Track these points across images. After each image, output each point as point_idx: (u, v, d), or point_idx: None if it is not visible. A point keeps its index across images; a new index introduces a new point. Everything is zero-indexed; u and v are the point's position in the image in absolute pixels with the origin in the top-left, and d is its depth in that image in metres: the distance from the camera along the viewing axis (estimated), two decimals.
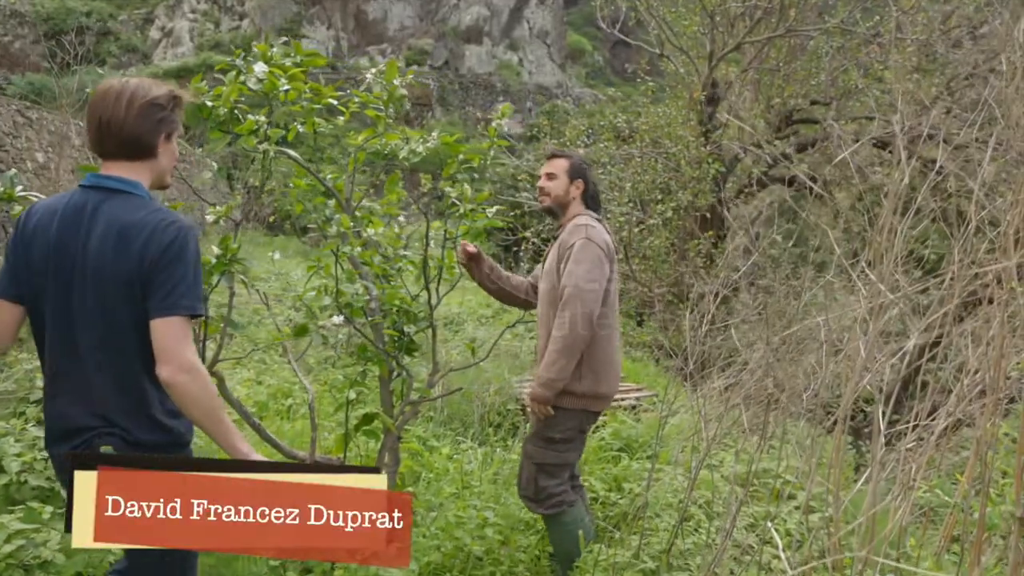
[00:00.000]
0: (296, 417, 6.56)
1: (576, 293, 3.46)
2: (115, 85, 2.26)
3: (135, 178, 2.27)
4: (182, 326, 2.12)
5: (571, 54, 45.60)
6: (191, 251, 2.17)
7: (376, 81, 3.96)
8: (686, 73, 11.30)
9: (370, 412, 4.09)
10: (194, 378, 2.11)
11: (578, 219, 3.73)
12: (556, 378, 3.48)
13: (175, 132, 2.36)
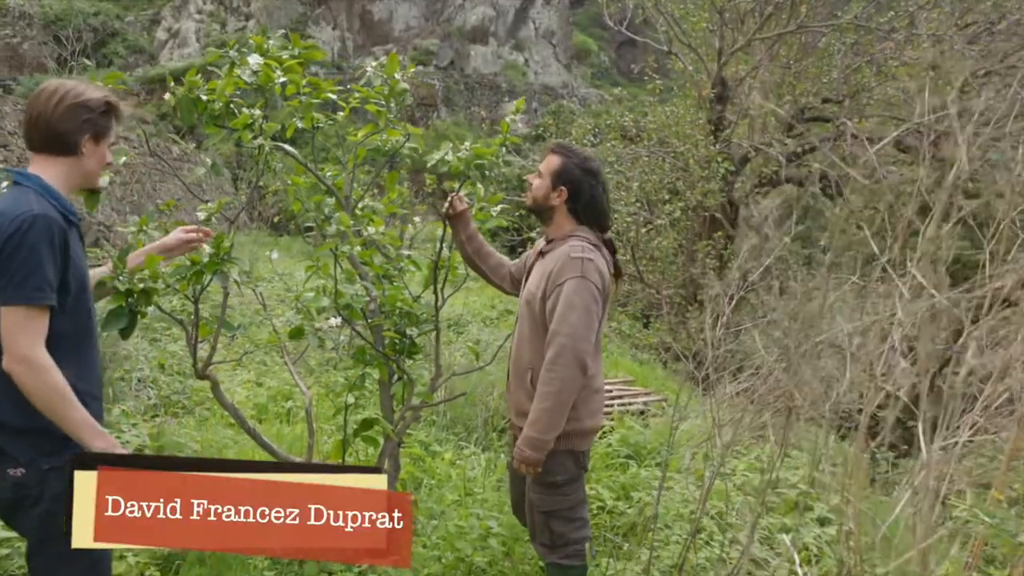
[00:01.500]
0: (296, 420, 6.42)
1: (569, 345, 3.00)
2: (52, 84, 2.37)
3: (41, 172, 2.33)
4: (17, 316, 2.14)
5: (577, 54, 45.47)
6: (31, 240, 2.16)
7: (377, 75, 3.81)
8: (695, 71, 11.10)
9: (369, 417, 3.94)
10: (27, 370, 2.13)
11: (572, 244, 3.19)
12: (547, 438, 3.06)
13: (105, 137, 2.43)
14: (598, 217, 3.32)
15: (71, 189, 2.42)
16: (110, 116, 2.43)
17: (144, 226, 3.11)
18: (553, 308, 3.09)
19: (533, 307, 3.22)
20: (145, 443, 4.73)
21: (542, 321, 3.18)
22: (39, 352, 2.15)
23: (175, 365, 7.16)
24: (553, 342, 3.05)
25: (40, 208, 2.21)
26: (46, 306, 2.18)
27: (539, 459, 3.10)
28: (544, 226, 3.43)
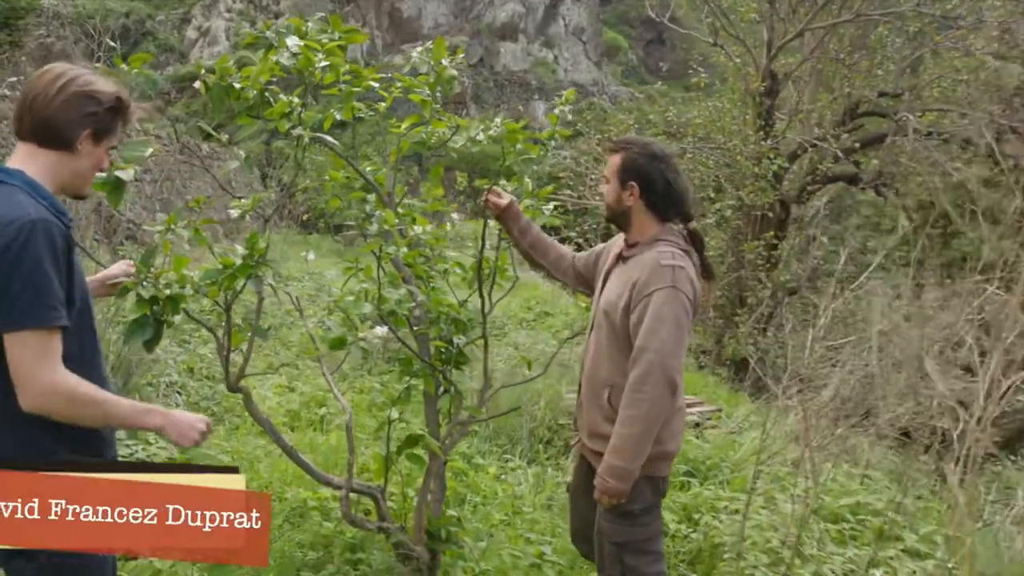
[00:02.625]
0: (330, 428, 6.12)
1: (658, 362, 2.69)
2: (59, 67, 2.06)
3: (24, 165, 2.00)
4: (31, 342, 1.86)
5: (607, 51, 45.12)
6: (33, 251, 1.86)
7: (423, 61, 3.48)
8: (742, 64, 10.69)
9: (414, 434, 3.62)
10: (59, 399, 1.88)
11: (660, 250, 2.84)
12: (633, 467, 2.75)
13: (106, 137, 2.10)
14: (679, 204, 2.96)
15: (56, 190, 2.06)
16: (117, 115, 2.10)
17: (172, 225, 2.82)
18: (639, 321, 2.76)
19: (613, 318, 2.88)
20: (173, 455, 4.45)
21: (624, 334, 2.85)
22: (61, 375, 1.88)
23: (204, 369, 6.90)
24: (640, 359, 2.72)
25: (36, 212, 1.89)
26: (60, 327, 1.89)
27: (624, 490, 2.77)
28: (625, 232, 3.05)
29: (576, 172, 11.47)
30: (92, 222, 10.11)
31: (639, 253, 2.91)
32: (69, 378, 1.90)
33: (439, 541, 3.90)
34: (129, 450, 4.22)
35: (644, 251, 2.89)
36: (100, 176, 2.33)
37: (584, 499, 3.17)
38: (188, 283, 2.44)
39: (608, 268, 3.10)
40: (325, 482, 3.61)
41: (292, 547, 3.85)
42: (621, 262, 3.00)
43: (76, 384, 1.91)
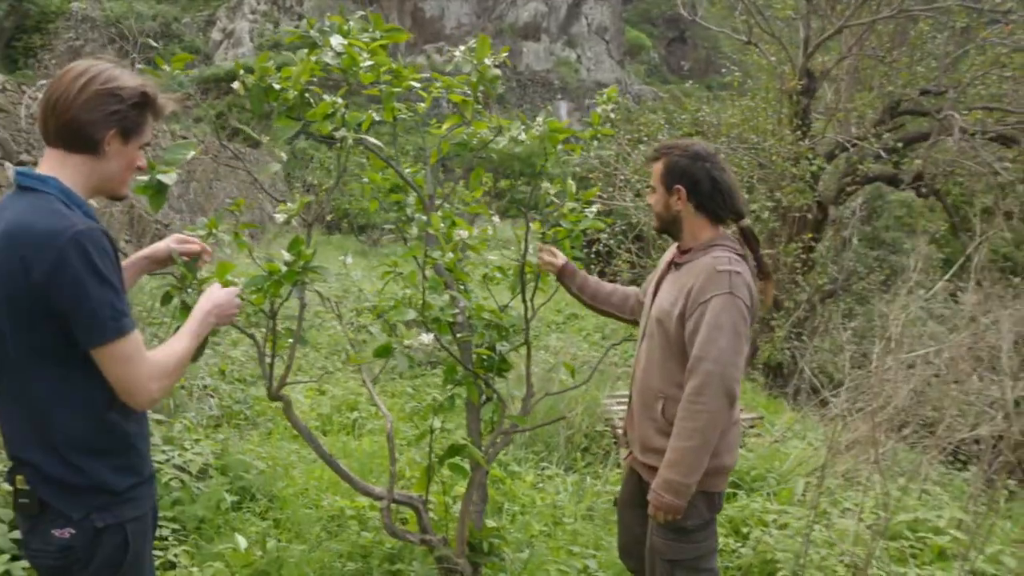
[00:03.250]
0: (363, 432, 6.04)
1: (717, 372, 2.57)
2: (81, 65, 1.93)
3: (56, 172, 1.89)
4: (116, 352, 1.83)
5: (629, 50, 44.94)
6: (87, 262, 1.77)
7: (466, 60, 3.38)
8: (777, 62, 10.50)
9: (457, 443, 3.52)
10: (160, 388, 1.90)
11: (716, 255, 2.72)
12: (690, 482, 2.63)
13: (135, 135, 1.97)
14: (729, 202, 2.83)
15: (91, 193, 1.97)
16: (144, 111, 1.97)
17: (213, 229, 2.74)
18: (695, 330, 2.65)
19: (667, 327, 2.76)
20: (209, 461, 4.38)
21: (678, 343, 2.73)
22: (149, 368, 1.87)
23: (235, 371, 6.83)
24: (697, 369, 2.61)
25: (81, 222, 1.80)
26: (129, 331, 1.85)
27: (681, 505, 2.65)
28: (677, 240, 2.93)
29: (605, 172, 11.32)
30: (123, 224, 10.09)
31: (693, 259, 2.79)
32: (156, 365, 1.89)
33: (481, 553, 3.80)
34: (165, 455, 4.15)
35: (698, 256, 2.78)
36: (142, 179, 2.25)
37: (632, 513, 3.08)
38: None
39: (660, 276, 3.00)
40: (366, 492, 3.53)
41: (331, 557, 3.76)
42: (674, 268, 2.89)
43: (163, 363, 1.92)
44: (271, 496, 4.37)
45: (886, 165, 10.16)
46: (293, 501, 4.31)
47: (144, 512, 2.00)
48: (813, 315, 9.51)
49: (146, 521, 2.02)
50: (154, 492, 2.09)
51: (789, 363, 9.09)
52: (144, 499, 2.00)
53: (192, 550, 3.68)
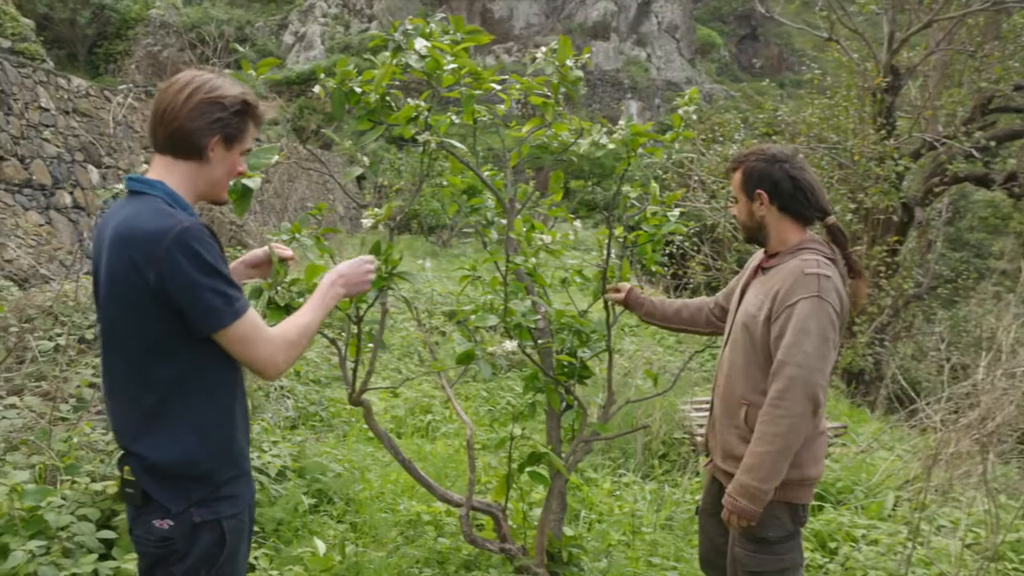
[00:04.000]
0: (437, 436, 6.02)
1: (800, 377, 2.49)
2: (186, 76, 2.03)
3: (163, 177, 1.98)
4: (237, 333, 1.90)
5: (700, 49, 44.43)
6: (200, 255, 1.85)
7: (547, 61, 3.31)
8: (860, 59, 10.17)
9: (537, 451, 3.46)
10: (287, 357, 1.99)
11: (804, 258, 2.64)
12: (770, 487, 2.55)
13: (237, 141, 2.06)
14: (813, 200, 2.73)
15: (197, 198, 2.06)
16: (245, 118, 2.04)
17: (297, 233, 2.73)
18: (781, 333, 2.56)
19: (752, 331, 2.68)
20: (287, 463, 4.40)
21: (763, 348, 2.65)
22: (280, 343, 1.96)
23: (310, 373, 6.88)
24: (780, 373, 2.52)
25: (186, 219, 1.87)
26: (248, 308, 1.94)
27: (755, 512, 2.57)
28: (765, 247, 2.85)
29: (679, 173, 11.14)
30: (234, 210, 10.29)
31: (781, 262, 2.71)
32: (279, 338, 1.96)
33: (560, 563, 3.74)
34: None
35: (786, 260, 2.69)
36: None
37: (714, 522, 3.01)
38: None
39: (746, 281, 2.92)
40: (445, 499, 3.49)
41: (408, 563, 3.73)
42: (761, 273, 2.82)
43: (286, 335, 1.98)
44: (348, 499, 4.37)
45: (976, 165, 9.77)
46: (370, 505, 4.30)
47: (241, 510, 2.04)
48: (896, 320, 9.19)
49: (243, 520, 2.06)
50: (251, 491, 2.13)
51: (871, 370, 8.81)
52: (241, 496, 2.04)
53: (271, 553, 3.69)
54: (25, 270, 8.38)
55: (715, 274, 11.39)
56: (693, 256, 11.39)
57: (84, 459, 3.60)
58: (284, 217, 18.62)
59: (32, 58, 17.19)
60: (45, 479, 3.42)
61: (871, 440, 5.48)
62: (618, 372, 6.53)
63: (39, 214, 10.21)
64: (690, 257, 11.39)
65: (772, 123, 11.17)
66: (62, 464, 3.38)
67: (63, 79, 11.90)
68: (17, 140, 10.22)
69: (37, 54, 18.14)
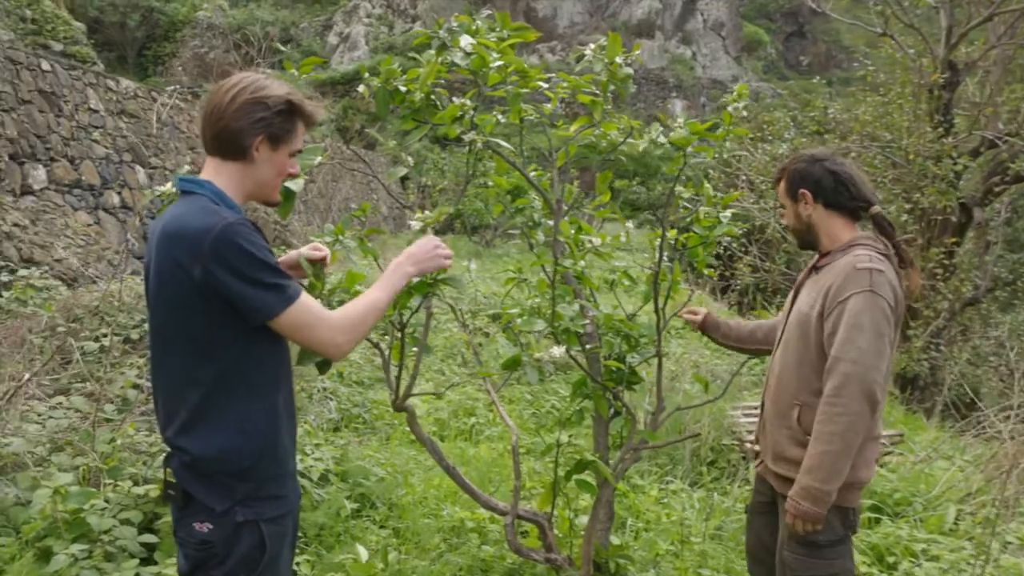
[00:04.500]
0: (480, 439, 5.95)
1: (856, 374, 2.43)
2: (235, 77, 2.05)
3: (212, 178, 2.01)
4: (293, 319, 1.90)
5: (746, 46, 43.98)
6: (246, 248, 1.85)
7: (596, 59, 3.21)
8: (915, 54, 9.89)
9: (585, 458, 3.37)
10: (346, 341, 1.98)
11: (857, 253, 2.59)
12: (833, 488, 2.48)
13: (283, 141, 2.05)
14: (855, 191, 2.71)
15: (245, 199, 2.07)
16: (291, 118, 2.04)
17: (340, 235, 2.67)
18: (834, 330, 2.51)
19: (806, 329, 2.63)
20: (329, 467, 4.36)
21: (817, 346, 2.59)
22: (340, 324, 1.96)
23: (353, 374, 6.85)
24: (835, 370, 2.47)
25: (230, 215, 1.88)
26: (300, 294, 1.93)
27: (820, 514, 2.50)
28: (817, 248, 2.81)
29: (725, 172, 10.95)
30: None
31: (833, 260, 2.67)
32: (340, 319, 1.96)
33: (607, 573, 3.64)
34: None
35: (839, 257, 2.65)
36: None
37: (762, 520, 2.98)
38: None
39: (800, 282, 2.87)
40: (490, 507, 3.41)
41: (451, 571, 3.66)
42: (814, 272, 2.78)
43: (348, 316, 1.98)
44: (390, 504, 4.31)
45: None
46: (412, 510, 4.24)
47: (283, 513, 2.02)
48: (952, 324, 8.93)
49: (285, 525, 2.05)
50: (297, 494, 2.13)
51: (926, 375, 8.56)
52: (286, 498, 2.04)
53: (313, 559, 3.64)
54: (74, 269, 8.48)
55: (763, 276, 11.17)
56: (741, 257, 11.19)
57: (127, 461, 3.58)
58: (328, 217, 18.72)
59: (83, 60, 17.49)
60: (89, 481, 3.40)
61: (929, 449, 5.29)
62: (666, 376, 6.41)
63: (88, 214, 10.35)
64: (738, 258, 11.18)
65: (823, 121, 10.94)
66: (105, 467, 3.36)
67: (112, 81, 12.05)
68: (67, 141, 10.37)
69: (88, 57, 18.46)
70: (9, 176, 9.05)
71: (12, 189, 9.05)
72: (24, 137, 9.46)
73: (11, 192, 9.00)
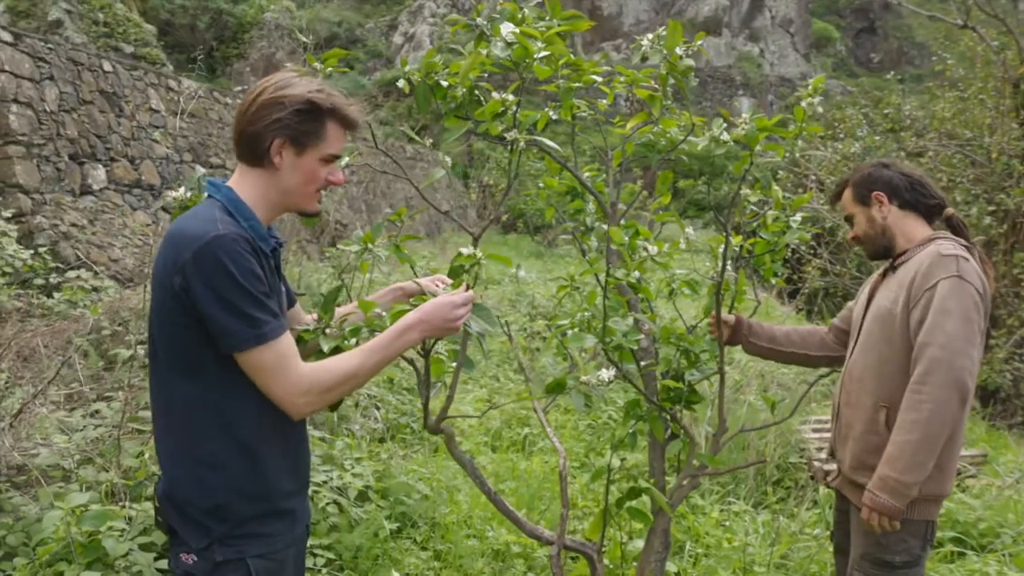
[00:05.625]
0: (533, 451, 5.70)
1: (946, 359, 2.29)
2: (269, 78, 1.89)
3: (235, 184, 1.85)
4: (255, 360, 1.72)
5: (815, 43, 43.04)
6: (217, 271, 1.67)
7: (654, 50, 2.94)
8: (999, 47, 9.33)
9: (638, 485, 3.09)
10: (310, 401, 1.76)
11: (941, 245, 2.49)
12: (912, 481, 2.33)
13: (310, 146, 1.85)
14: (931, 189, 2.67)
15: (273, 209, 1.89)
16: (315, 118, 1.84)
17: (369, 244, 2.45)
18: (922, 318, 2.39)
19: (889, 325, 2.51)
20: (370, 483, 4.14)
21: (903, 342, 2.46)
22: (308, 384, 1.75)
23: (404, 380, 6.65)
24: (922, 356, 2.35)
25: (224, 228, 1.71)
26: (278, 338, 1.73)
27: (899, 509, 2.36)
28: (893, 253, 2.68)
29: (795, 172, 10.50)
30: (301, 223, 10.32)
31: (911, 256, 2.57)
32: (309, 378, 1.75)
33: None
34: (324, 476, 3.94)
35: (915, 253, 2.56)
36: None
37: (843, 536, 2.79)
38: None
39: (872, 287, 2.76)
40: (535, 536, 3.15)
41: None
42: (890, 273, 2.67)
43: (318, 376, 1.77)
44: (433, 523, 4.08)
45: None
46: (456, 530, 4.01)
47: (275, 550, 1.85)
48: None
49: (280, 561, 1.86)
50: (298, 529, 1.93)
51: (1009, 387, 8.05)
52: (276, 536, 1.85)
53: None
54: (130, 270, 8.46)
55: (833, 279, 10.70)
56: (809, 260, 10.73)
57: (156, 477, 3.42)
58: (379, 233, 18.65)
59: (153, 62, 17.75)
60: (114, 497, 3.25)
61: (1018, 473, 4.87)
62: (730, 387, 6.07)
63: (147, 214, 10.37)
64: (806, 261, 10.73)
65: (896, 119, 10.44)
66: (128, 483, 3.19)
67: (173, 81, 12.11)
68: (128, 141, 10.41)
69: (158, 58, 18.73)
70: (69, 176, 9.09)
71: (71, 189, 9.09)
72: (84, 137, 9.50)
73: (70, 192, 9.04)
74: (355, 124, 1.93)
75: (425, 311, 1.90)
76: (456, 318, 1.93)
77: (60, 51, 9.43)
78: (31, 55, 8.84)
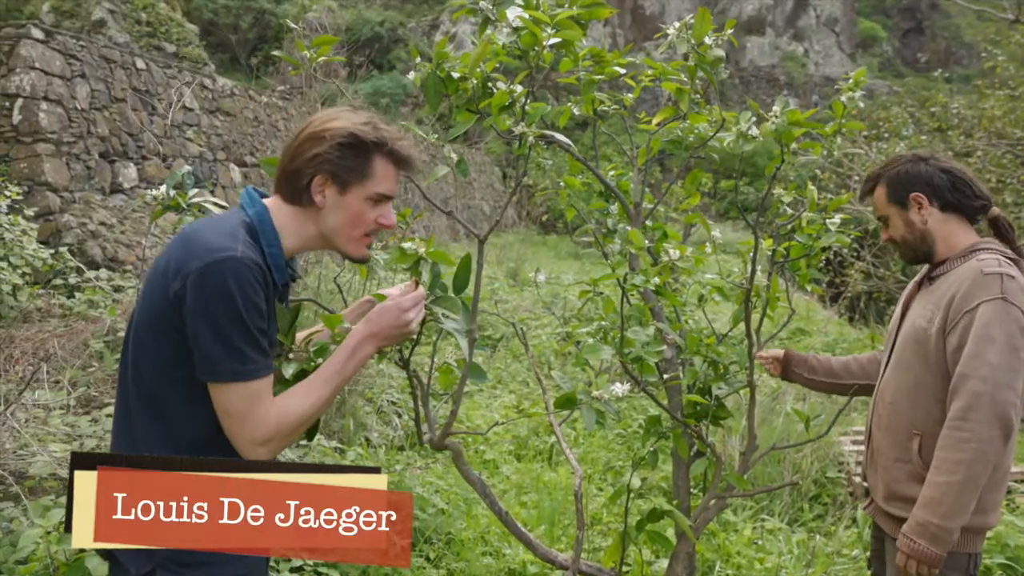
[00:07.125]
0: (559, 460, 5.49)
1: (988, 393, 2.10)
2: (327, 110, 1.79)
3: (270, 202, 1.75)
4: (228, 396, 1.61)
5: (861, 43, 42.31)
6: (217, 294, 1.56)
7: (682, 39, 2.73)
8: None
9: (659, 507, 2.88)
10: (270, 449, 1.65)
11: (981, 257, 2.28)
12: (951, 526, 2.13)
13: (354, 184, 1.72)
14: (976, 187, 2.41)
15: (306, 242, 1.77)
16: (361, 154, 1.72)
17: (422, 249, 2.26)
18: (960, 344, 2.19)
19: (924, 347, 2.29)
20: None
21: (938, 365, 2.26)
22: (266, 431, 1.63)
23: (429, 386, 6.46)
24: (962, 389, 2.15)
25: (243, 250, 1.60)
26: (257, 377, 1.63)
27: (938, 556, 2.16)
28: (931, 259, 2.45)
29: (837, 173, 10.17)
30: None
31: (951, 268, 2.36)
32: (269, 427, 1.64)
33: None
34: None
35: (958, 264, 2.34)
36: None
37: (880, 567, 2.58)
38: None
39: (908, 297, 2.55)
40: (548, 559, 2.95)
41: None
42: (927, 283, 2.46)
43: (281, 423, 1.65)
44: (448, 539, 3.90)
45: None
46: (472, 547, 3.82)
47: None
48: None
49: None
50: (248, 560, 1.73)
51: None
52: (228, 564, 1.67)
53: None
54: None
55: (877, 283, 10.34)
56: (852, 263, 10.39)
57: None
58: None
59: (195, 62, 17.84)
60: None
61: None
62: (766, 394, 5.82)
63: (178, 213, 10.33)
64: (849, 264, 10.38)
65: (944, 118, 10.06)
66: None
67: (208, 79, 12.08)
68: (160, 139, 10.38)
69: (200, 58, 18.85)
70: (99, 174, 9.07)
71: (102, 187, 9.06)
72: (116, 135, 9.48)
73: (100, 190, 9.02)
74: (407, 160, 1.79)
75: (372, 322, 1.77)
76: (407, 321, 1.79)
77: (92, 48, 9.41)
78: (62, 52, 8.82)
